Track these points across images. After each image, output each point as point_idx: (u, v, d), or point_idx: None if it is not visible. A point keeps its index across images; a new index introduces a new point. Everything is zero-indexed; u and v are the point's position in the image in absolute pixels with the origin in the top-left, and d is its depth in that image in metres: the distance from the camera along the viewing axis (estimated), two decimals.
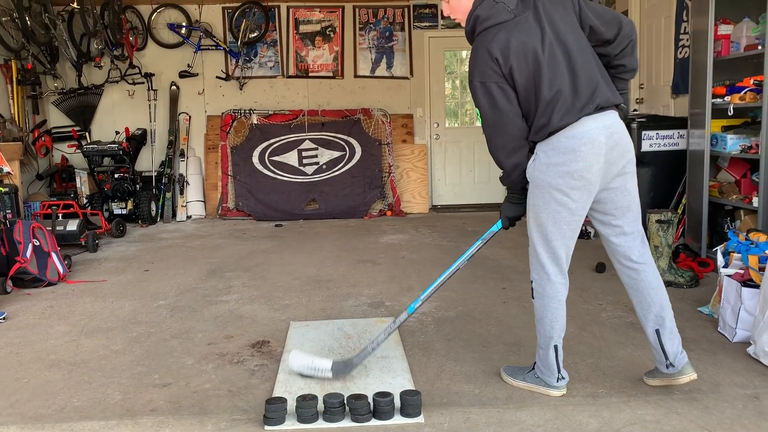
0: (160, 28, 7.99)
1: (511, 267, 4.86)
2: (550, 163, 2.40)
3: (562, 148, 2.37)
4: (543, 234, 2.51)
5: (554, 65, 2.36)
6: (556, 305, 2.53)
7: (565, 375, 2.62)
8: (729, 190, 4.61)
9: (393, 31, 8.24)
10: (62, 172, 7.69)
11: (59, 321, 3.80)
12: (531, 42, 2.35)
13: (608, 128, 2.39)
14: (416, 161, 8.16)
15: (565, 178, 2.38)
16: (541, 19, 2.39)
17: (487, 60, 2.37)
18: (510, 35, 2.35)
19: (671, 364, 2.55)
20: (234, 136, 7.92)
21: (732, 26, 4.58)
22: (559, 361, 2.58)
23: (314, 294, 4.27)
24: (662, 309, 2.55)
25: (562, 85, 2.36)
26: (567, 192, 2.40)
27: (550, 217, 2.46)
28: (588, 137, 2.36)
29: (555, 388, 2.60)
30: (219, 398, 2.68)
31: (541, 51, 2.35)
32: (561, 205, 2.43)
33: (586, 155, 2.36)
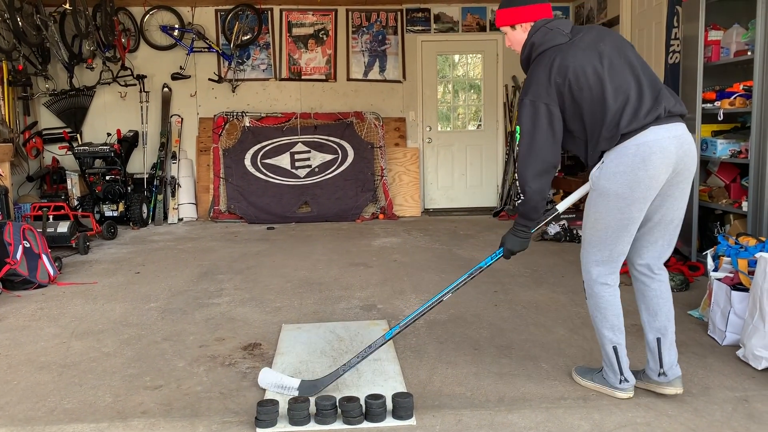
0: (153, 30, 7.97)
1: (503, 270, 4.88)
2: (617, 171, 2.39)
3: (632, 155, 2.36)
4: (599, 239, 2.51)
5: (616, 75, 2.40)
6: (605, 305, 2.55)
7: (629, 377, 2.60)
8: (719, 195, 4.65)
9: (386, 35, 8.26)
10: (53, 174, 7.65)
11: (49, 323, 3.78)
12: (589, 59, 2.40)
13: (678, 138, 2.40)
14: (408, 165, 8.18)
15: (632, 187, 2.38)
16: (596, 40, 2.45)
17: (543, 80, 2.42)
18: (566, 55, 2.42)
19: (664, 374, 2.58)
20: (226, 138, 7.91)
21: (722, 32, 4.63)
22: (621, 363, 2.57)
23: (306, 297, 4.26)
24: (668, 320, 2.60)
25: (628, 91, 2.39)
26: (631, 202, 2.40)
27: (611, 225, 2.46)
28: (659, 146, 2.36)
29: (620, 390, 2.60)
30: (210, 400, 2.68)
31: (600, 65, 2.40)
32: (622, 214, 2.43)
33: (657, 165, 2.36)
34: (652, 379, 2.63)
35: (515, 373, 2.91)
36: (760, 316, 2.86)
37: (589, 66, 2.40)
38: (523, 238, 2.60)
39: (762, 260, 2.91)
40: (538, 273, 4.78)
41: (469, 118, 8.88)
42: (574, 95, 2.40)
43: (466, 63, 8.91)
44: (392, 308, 3.95)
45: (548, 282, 4.51)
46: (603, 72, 2.39)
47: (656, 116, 2.37)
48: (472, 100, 8.83)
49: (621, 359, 2.57)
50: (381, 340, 2.79)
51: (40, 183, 7.69)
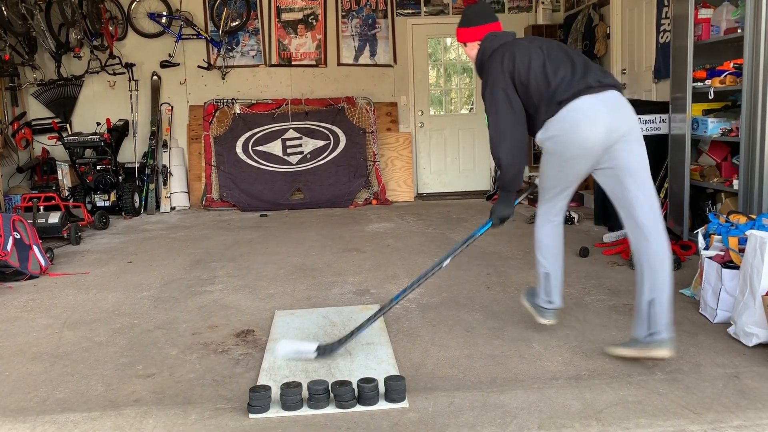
0: (140, 18, 7.89)
1: (496, 253, 4.88)
2: (554, 134, 2.74)
3: (565, 120, 2.69)
4: (543, 188, 2.96)
5: (554, 58, 2.77)
6: (542, 235, 3.02)
7: (554, 300, 3.01)
8: (710, 174, 4.65)
9: (376, 19, 8.19)
10: (43, 165, 7.60)
11: (41, 314, 3.77)
12: (531, 49, 2.80)
13: (607, 104, 2.69)
14: (401, 149, 8.15)
15: (566, 145, 2.72)
16: (534, 40, 2.93)
17: (497, 71, 2.80)
18: (512, 48, 2.82)
19: (652, 333, 2.65)
20: (217, 126, 7.86)
21: (712, 10, 4.61)
22: (551, 287, 3.00)
23: (299, 283, 4.26)
24: (664, 282, 2.68)
25: (565, 69, 2.73)
26: (566, 159, 2.76)
27: (551, 177, 2.88)
28: (588, 110, 2.67)
29: (542, 316, 3.04)
30: (203, 388, 2.68)
31: (541, 52, 2.79)
32: (560, 168, 2.82)
33: (586, 127, 2.67)
34: (640, 342, 2.69)
35: (507, 355, 2.92)
36: (751, 294, 2.87)
37: (533, 53, 2.78)
38: (507, 206, 2.99)
39: (752, 238, 2.92)
40: (530, 255, 4.74)
41: (462, 102, 8.85)
42: (521, 79, 2.76)
43: (457, 45, 8.85)
44: (385, 293, 3.95)
45: None
46: (543, 56, 2.77)
47: (586, 85, 2.68)
48: (464, 84, 8.79)
49: (553, 284, 3.01)
50: (389, 304, 3.05)
51: (31, 174, 7.63)
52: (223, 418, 2.41)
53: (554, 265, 3.01)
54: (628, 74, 6.51)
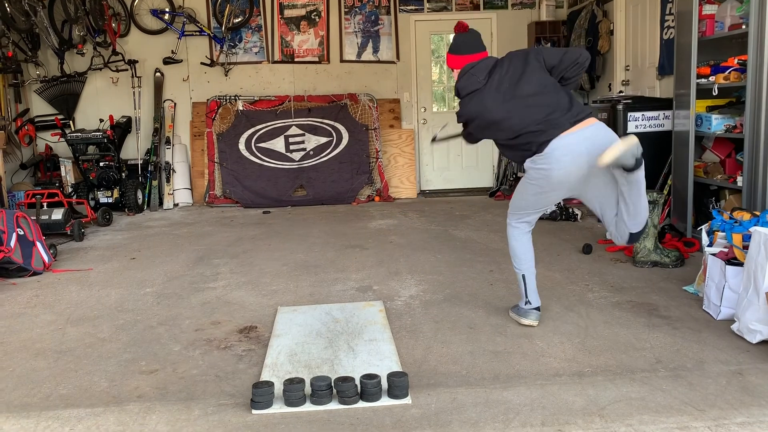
0: (143, 14, 7.88)
1: (499, 250, 4.87)
2: (539, 167, 3.00)
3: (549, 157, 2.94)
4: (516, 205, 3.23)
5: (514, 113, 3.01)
6: (513, 242, 3.25)
7: (532, 300, 3.20)
8: (714, 170, 4.64)
9: (379, 15, 8.17)
10: (46, 161, 7.61)
11: (45, 310, 3.78)
12: (492, 104, 3.05)
13: (588, 139, 2.92)
14: (404, 146, 8.14)
15: (547, 180, 2.99)
16: (502, 83, 3.05)
17: (468, 115, 3.17)
18: (474, 100, 3.10)
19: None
20: (220, 122, 7.86)
21: (716, 6, 4.59)
22: (528, 288, 3.20)
23: (302, 279, 4.26)
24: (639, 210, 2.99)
25: (530, 123, 2.97)
26: (546, 191, 3.05)
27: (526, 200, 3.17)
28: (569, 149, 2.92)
29: (524, 316, 3.21)
30: (206, 383, 2.68)
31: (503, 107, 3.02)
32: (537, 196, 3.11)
33: (567, 164, 2.92)
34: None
35: (510, 351, 2.91)
36: (755, 290, 2.86)
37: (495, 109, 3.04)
38: None
39: (756, 234, 2.90)
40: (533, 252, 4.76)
41: None
42: (483, 127, 3.15)
43: None
44: (388, 289, 3.95)
45: (544, 261, 4.50)
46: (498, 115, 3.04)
47: (565, 128, 2.92)
48: None
49: (528, 285, 3.20)
50: None
51: (34, 170, 7.64)
52: (226, 413, 2.41)
53: (529, 268, 3.23)
54: (632, 70, 6.49)
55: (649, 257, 4.22)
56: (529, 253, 3.25)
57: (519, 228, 3.25)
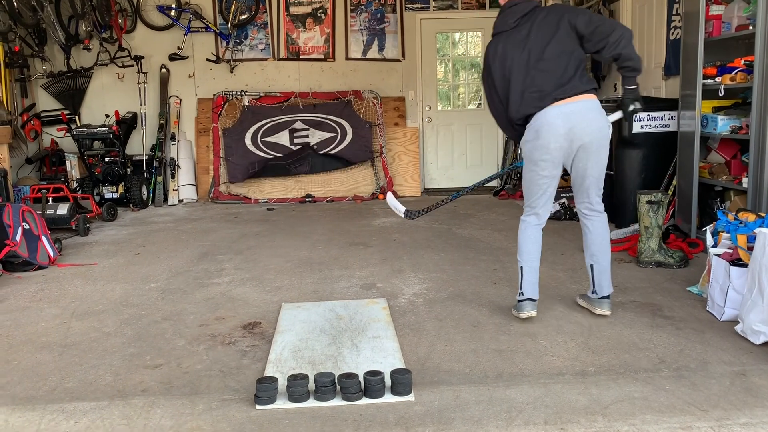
0: (149, 10, 7.90)
1: (503, 249, 4.88)
2: (525, 140, 3.18)
3: (532, 129, 3.12)
4: (525, 192, 3.29)
5: (531, 68, 3.08)
6: (523, 237, 3.28)
7: (525, 291, 3.24)
8: (719, 171, 4.63)
9: (384, 13, 8.17)
10: (52, 156, 7.63)
11: (50, 304, 3.79)
12: (514, 50, 3.11)
13: (566, 114, 3.05)
14: (408, 144, 8.14)
15: (532, 151, 3.14)
16: (532, 31, 3.10)
17: (486, 60, 3.22)
18: (501, 43, 3.17)
19: (594, 291, 3.31)
20: (225, 118, 7.88)
21: (723, 6, 4.58)
22: (523, 280, 3.24)
23: (306, 276, 4.27)
24: (599, 252, 3.28)
25: (529, 86, 3.08)
26: (534, 163, 3.16)
27: (527, 179, 3.24)
28: (547, 122, 3.06)
29: (519, 310, 3.26)
30: (210, 378, 2.69)
31: (519, 57, 3.09)
32: (532, 171, 3.19)
33: (546, 136, 3.08)
34: (588, 297, 3.37)
35: (514, 350, 2.92)
36: (759, 291, 2.86)
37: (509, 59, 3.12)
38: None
39: (761, 235, 2.90)
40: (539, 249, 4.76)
41: (470, 98, 8.83)
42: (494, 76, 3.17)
43: (466, 41, 8.83)
44: (391, 287, 3.96)
45: (547, 260, 4.49)
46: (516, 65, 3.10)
47: (552, 100, 3.05)
48: (472, 79, 8.76)
49: (524, 277, 3.24)
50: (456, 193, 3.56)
51: (39, 165, 7.67)
52: (230, 408, 2.42)
53: (529, 261, 3.27)
54: None
55: (653, 257, 4.21)
56: (533, 247, 3.26)
57: (526, 221, 3.29)
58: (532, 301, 3.24)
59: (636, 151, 5.24)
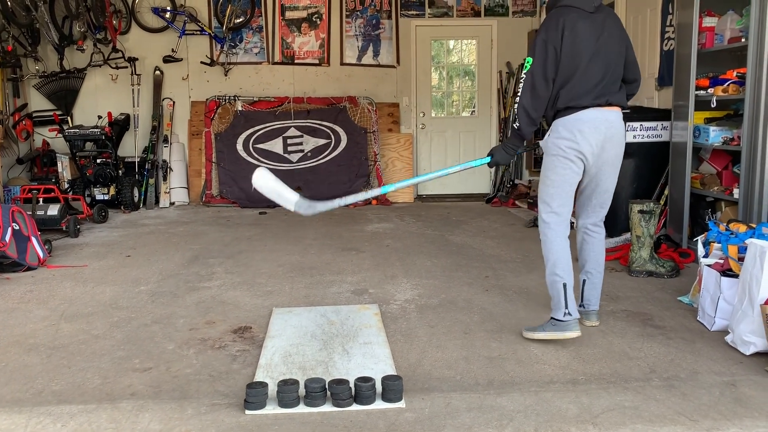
0: (144, 12, 7.88)
1: (495, 256, 4.88)
2: (560, 137, 3.01)
3: (571, 127, 2.98)
4: (548, 193, 3.07)
5: (595, 60, 2.96)
6: (557, 248, 3.02)
7: (572, 312, 2.98)
8: (711, 182, 4.65)
9: (380, 19, 8.19)
10: (43, 157, 7.58)
11: (39, 305, 3.76)
12: (591, 35, 2.96)
13: (607, 121, 3.00)
14: (402, 150, 8.15)
15: (571, 149, 2.98)
16: (605, 26, 3.02)
17: (558, 27, 2.95)
18: (581, 20, 2.96)
19: (582, 305, 3.24)
20: (218, 122, 7.85)
21: (716, 19, 4.61)
22: (567, 298, 2.97)
23: (298, 281, 4.26)
24: (594, 269, 3.23)
25: (592, 76, 2.96)
26: (570, 160, 3.00)
27: (555, 180, 3.04)
28: (592, 123, 2.97)
29: (567, 329, 2.97)
30: (200, 383, 2.67)
31: (593, 45, 2.96)
32: (565, 170, 3.02)
33: (587, 136, 2.97)
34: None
35: (505, 357, 2.91)
36: (749, 302, 2.87)
37: (586, 39, 2.95)
38: (509, 154, 3.16)
39: (752, 246, 2.92)
40: (529, 258, 4.78)
41: (464, 105, 8.85)
42: (563, 50, 2.94)
43: (460, 49, 8.87)
44: (383, 293, 3.95)
45: (539, 268, 4.48)
46: (588, 51, 2.95)
47: (598, 103, 2.97)
48: (466, 87, 8.79)
49: (568, 296, 2.98)
50: (378, 191, 3.28)
51: (31, 166, 7.62)
52: (219, 413, 2.40)
53: (569, 274, 3.02)
54: None
55: (645, 267, 4.23)
56: (569, 257, 3.04)
57: (557, 230, 3.04)
58: (577, 318, 3.03)
59: (628, 161, 5.21)
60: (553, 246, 3.03)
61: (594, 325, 3.26)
